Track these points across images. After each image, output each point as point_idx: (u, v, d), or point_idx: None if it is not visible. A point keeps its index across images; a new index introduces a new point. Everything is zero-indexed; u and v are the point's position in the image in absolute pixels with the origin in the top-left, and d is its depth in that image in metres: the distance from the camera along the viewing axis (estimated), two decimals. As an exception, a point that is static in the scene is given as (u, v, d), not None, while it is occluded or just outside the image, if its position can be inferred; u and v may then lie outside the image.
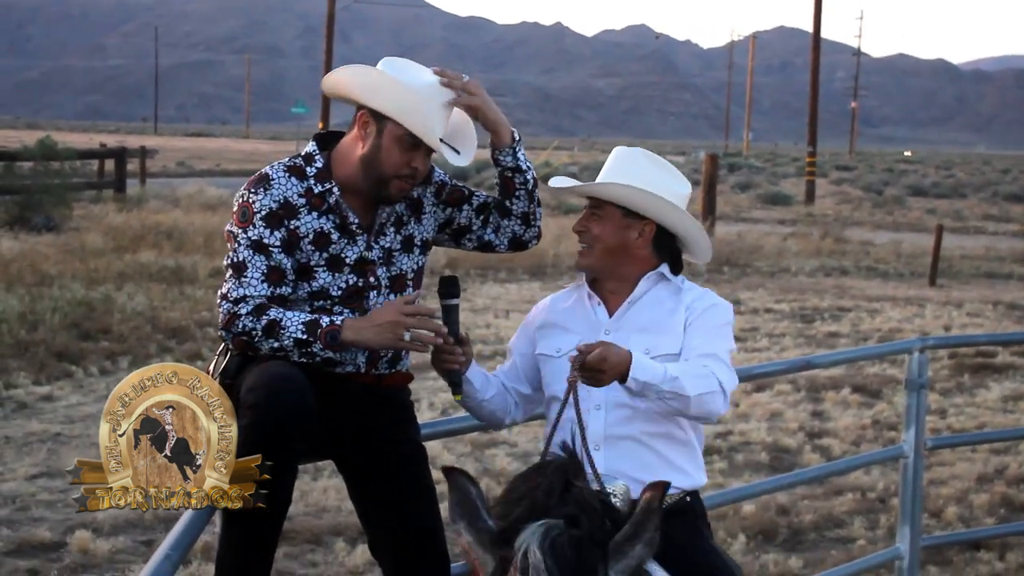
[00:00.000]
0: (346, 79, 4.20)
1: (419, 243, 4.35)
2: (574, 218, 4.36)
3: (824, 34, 49.48)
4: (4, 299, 14.75)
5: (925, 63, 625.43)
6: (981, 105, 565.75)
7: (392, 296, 4.22)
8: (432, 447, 4.48)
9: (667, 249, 4.15)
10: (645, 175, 4.06)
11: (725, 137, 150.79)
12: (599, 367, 3.58)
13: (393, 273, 4.25)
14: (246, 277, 4.03)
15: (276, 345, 3.95)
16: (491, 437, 10.14)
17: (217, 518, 3.93)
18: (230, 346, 4.08)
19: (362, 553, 7.52)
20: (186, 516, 3.64)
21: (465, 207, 4.41)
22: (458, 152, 4.26)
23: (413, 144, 4.08)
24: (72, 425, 10.63)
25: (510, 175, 4.32)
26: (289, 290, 4.08)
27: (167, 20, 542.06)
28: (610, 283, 4.13)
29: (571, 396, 3.53)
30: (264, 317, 3.95)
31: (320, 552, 7.78)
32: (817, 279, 23.42)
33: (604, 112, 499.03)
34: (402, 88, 4.04)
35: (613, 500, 3.49)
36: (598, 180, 4.13)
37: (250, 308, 3.97)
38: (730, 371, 3.90)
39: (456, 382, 4.12)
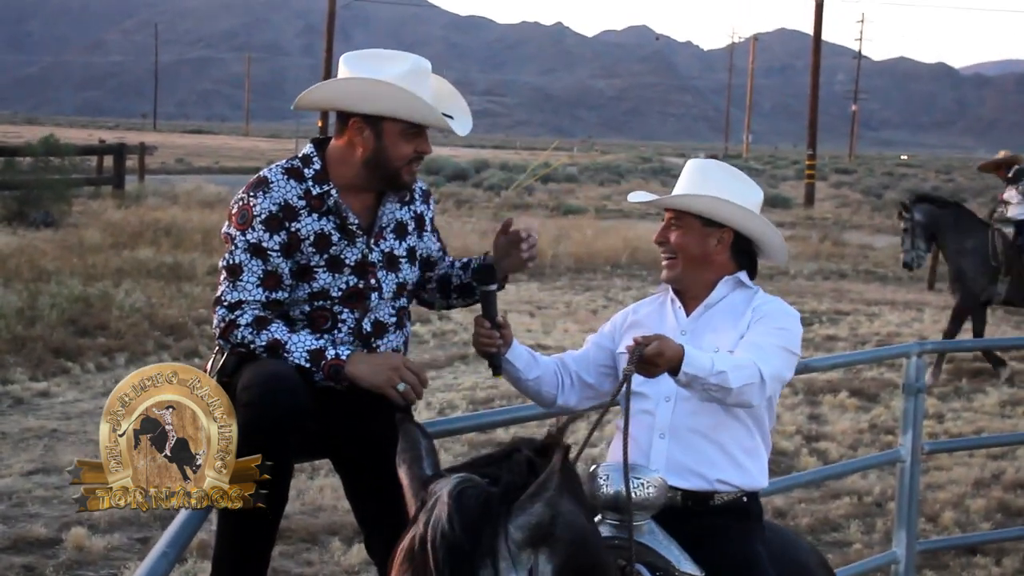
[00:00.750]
0: (325, 96, 4.25)
1: (420, 257, 4.40)
2: (573, 220, 4.41)
3: (825, 37, 49.49)
4: (2, 295, 14.76)
5: (926, 67, 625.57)
6: (982, 109, 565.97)
7: (395, 303, 4.29)
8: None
9: (744, 254, 4.28)
10: (720, 185, 4.20)
11: (725, 139, 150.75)
12: (655, 360, 3.67)
13: (400, 280, 4.29)
14: (241, 281, 4.03)
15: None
16: (488, 437, 10.14)
17: (214, 516, 3.93)
18: (227, 351, 4.08)
19: (358, 552, 7.52)
20: (182, 514, 3.64)
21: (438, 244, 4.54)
22: (452, 118, 4.28)
23: (416, 132, 4.14)
24: (69, 421, 10.62)
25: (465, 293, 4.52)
26: (285, 295, 4.08)
27: (167, 17, 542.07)
28: (693, 290, 4.24)
29: (625, 387, 3.62)
30: (265, 333, 3.97)
31: (316, 551, 7.78)
32: (816, 282, 23.43)
33: (604, 113, 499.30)
34: (387, 87, 4.06)
35: (645, 489, 3.64)
36: (674, 193, 4.26)
37: (249, 319, 3.98)
38: (772, 362, 3.91)
39: (495, 363, 4.23)
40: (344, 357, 3.98)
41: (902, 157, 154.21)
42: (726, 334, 4.08)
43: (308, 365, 3.96)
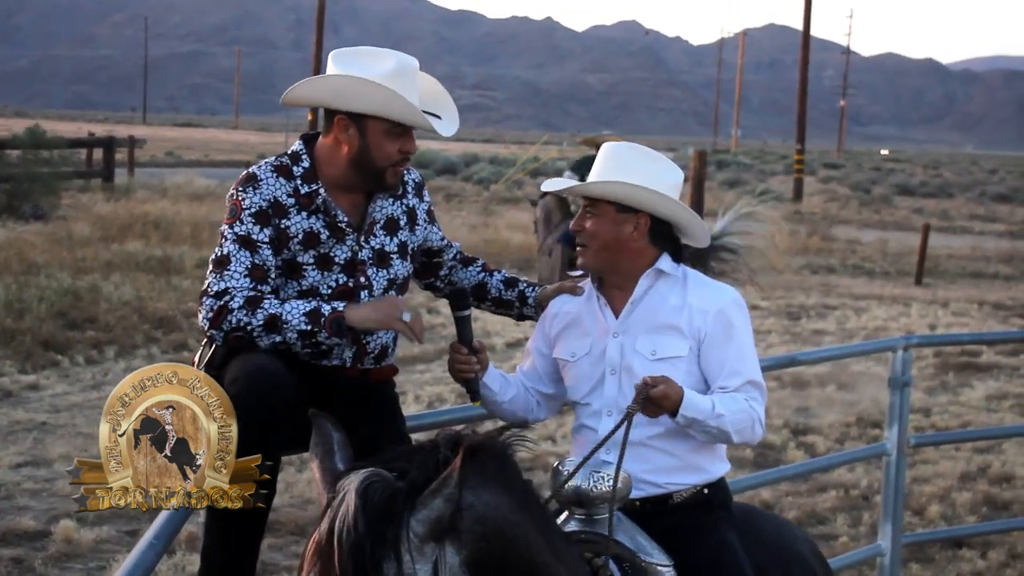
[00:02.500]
0: (311, 92, 4.23)
1: (411, 251, 4.40)
2: (561, 213, 4.37)
3: (814, 32, 49.54)
4: (-9, 288, 14.73)
5: (914, 62, 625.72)
6: (970, 105, 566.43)
7: None
8: (418, 440, 4.49)
9: (665, 238, 4.15)
10: (635, 169, 4.07)
11: (714, 134, 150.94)
12: (659, 403, 3.70)
13: (391, 276, 4.28)
14: (228, 271, 4.01)
15: (278, 339, 3.95)
16: (476, 429, 10.15)
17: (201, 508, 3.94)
18: (219, 343, 4.05)
19: (346, 545, 7.52)
20: (170, 506, 3.65)
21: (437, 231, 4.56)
22: (439, 117, 4.28)
23: (401, 132, 4.12)
24: (58, 414, 10.63)
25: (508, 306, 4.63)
26: (269, 288, 4.07)
27: (157, 11, 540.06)
28: (614, 280, 4.14)
29: (625, 424, 3.62)
30: (260, 311, 3.94)
31: (304, 543, 7.79)
32: (804, 277, 23.47)
33: (594, 108, 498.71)
34: (372, 86, 4.04)
35: (607, 482, 3.63)
36: (588, 179, 4.15)
37: (240, 301, 3.95)
38: (763, 395, 4.02)
39: (473, 389, 4.19)
40: (341, 309, 3.98)
41: (883, 152, 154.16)
42: (664, 335, 4.01)
43: (310, 327, 3.93)
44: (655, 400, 3.68)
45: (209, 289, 4.01)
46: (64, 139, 32.14)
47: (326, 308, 3.97)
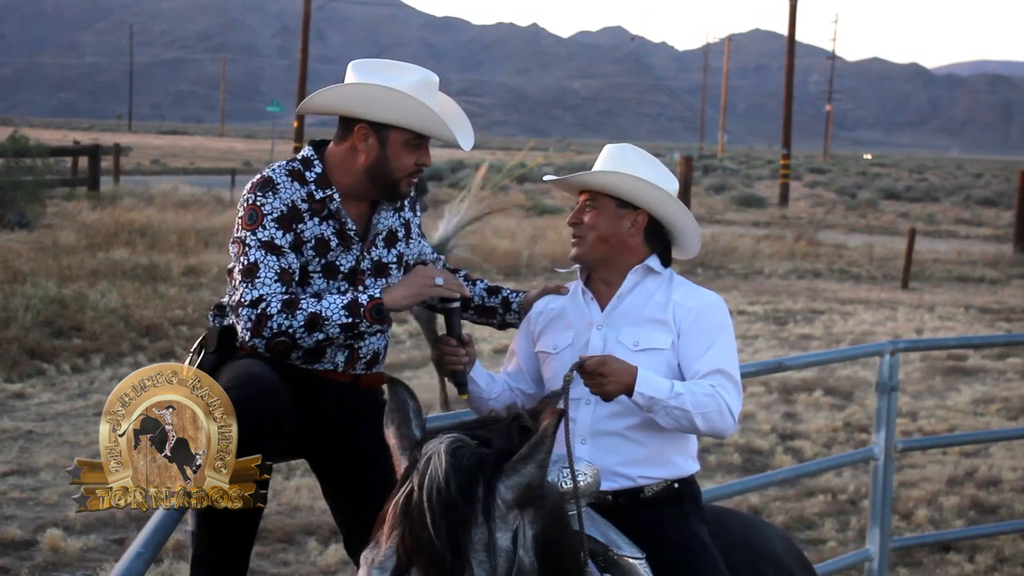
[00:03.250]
0: (334, 100, 4.18)
1: (406, 263, 4.42)
2: (549, 220, 4.43)
3: (799, 37, 49.70)
4: (-24, 296, 14.68)
5: (899, 67, 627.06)
6: (955, 109, 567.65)
7: None
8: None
9: (658, 240, 4.21)
10: (637, 168, 4.12)
11: (700, 139, 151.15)
12: (599, 370, 3.71)
13: (388, 286, 4.27)
14: (259, 278, 3.99)
15: (321, 337, 3.97)
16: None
17: (190, 517, 3.93)
18: (262, 350, 4.03)
19: (334, 552, 7.52)
20: (157, 514, 3.63)
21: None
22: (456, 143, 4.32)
23: (419, 144, 4.16)
24: (44, 423, 10.60)
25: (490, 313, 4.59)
26: (297, 292, 4.09)
27: (142, 18, 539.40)
28: (603, 274, 4.17)
29: (564, 392, 3.60)
30: (300, 312, 3.94)
31: (292, 551, 7.78)
32: (790, 281, 23.50)
33: (579, 113, 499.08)
34: (399, 95, 4.05)
35: (579, 478, 3.57)
36: (591, 174, 4.18)
37: (279, 306, 3.94)
38: (737, 388, 3.98)
39: (461, 382, 4.19)
40: (378, 295, 4.00)
41: (865, 156, 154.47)
42: (647, 328, 4.04)
43: (351, 319, 3.95)
44: (593, 369, 3.70)
45: (243, 299, 3.98)
46: (49, 147, 32.06)
47: (363, 297, 3.99)
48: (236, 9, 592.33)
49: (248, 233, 4.04)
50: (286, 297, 3.97)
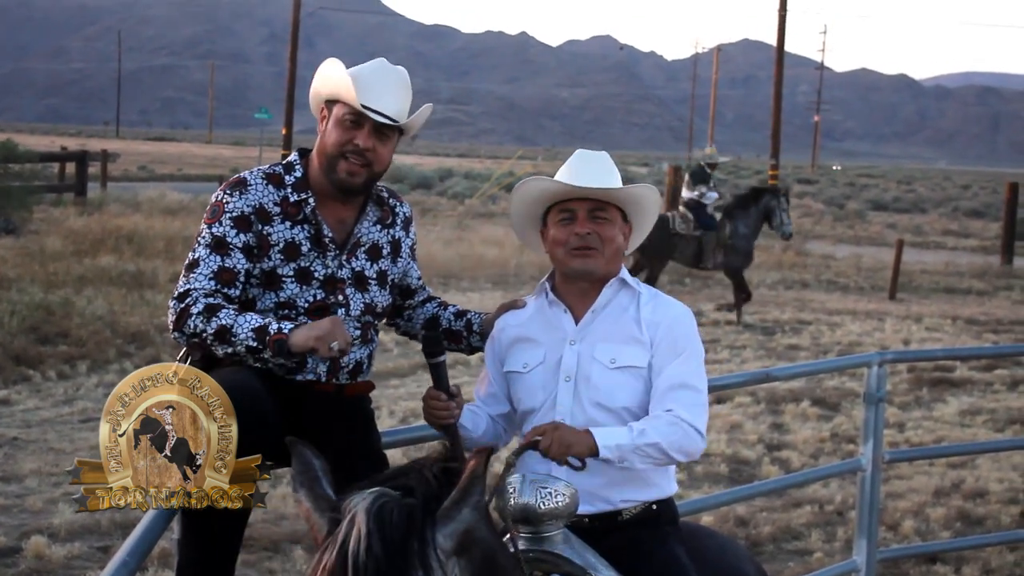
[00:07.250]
0: (315, 83, 4.29)
1: (390, 282, 4.38)
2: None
3: (788, 48, 49.73)
4: (-38, 302, 14.63)
5: (887, 78, 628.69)
6: (942, 121, 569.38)
7: (361, 319, 4.26)
8: (393, 455, 4.47)
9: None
10: (615, 180, 4.09)
11: (688, 149, 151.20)
12: (564, 450, 3.64)
13: (367, 301, 4.26)
14: (195, 273, 4.03)
15: (230, 351, 3.93)
16: (451, 446, 10.11)
17: (176, 524, 3.91)
18: (185, 348, 4.05)
19: (320, 561, 7.49)
20: (143, 522, 3.62)
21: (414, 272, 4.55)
22: (397, 122, 4.21)
23: (354, 122, 4.14)
24: (29, 429, 10.56)
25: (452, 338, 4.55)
26: (237, 293, 4.06)
27: (130, 24, 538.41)
28: (584, 286, 4.08)
29: (521, 455, 3.62)
30: (215, 320, 3.92)
31: (278, 559, 7.76)
32: (778, 292, 23.53)
33: (568, 122, 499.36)
34: (337, 68, 4.15)
35: (554, 498, 3.54)
36: (583, 183, 4.05)
37: (201, 308, 3.94)
38: (701, 402, 3.91)
39: (453, 434, 4.07)
40: (287, 331, 3.90)
41: (834, 168, 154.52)
42: (621, 344, 3.97)
43: (256, 344, 3.89)
44: (556, 455, 3.63)
45: (176, 290, 4.03)
46: (36, 153, 32.01)
47: (274, 327, 3.91)
48: (224, 16, 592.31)
49: (205, 227, 4.09)
50: (210, 301, 3.96)
